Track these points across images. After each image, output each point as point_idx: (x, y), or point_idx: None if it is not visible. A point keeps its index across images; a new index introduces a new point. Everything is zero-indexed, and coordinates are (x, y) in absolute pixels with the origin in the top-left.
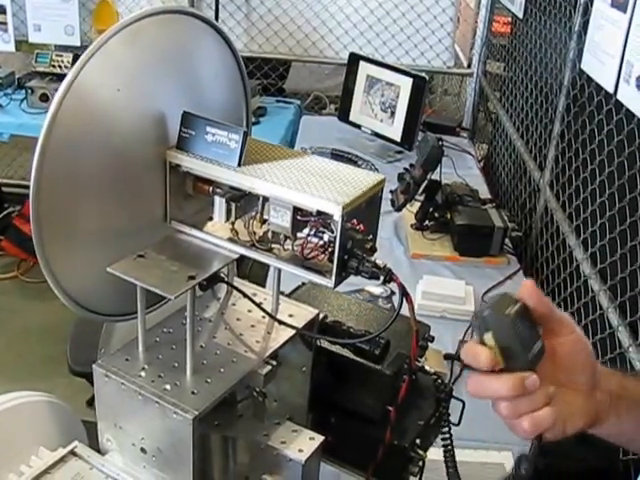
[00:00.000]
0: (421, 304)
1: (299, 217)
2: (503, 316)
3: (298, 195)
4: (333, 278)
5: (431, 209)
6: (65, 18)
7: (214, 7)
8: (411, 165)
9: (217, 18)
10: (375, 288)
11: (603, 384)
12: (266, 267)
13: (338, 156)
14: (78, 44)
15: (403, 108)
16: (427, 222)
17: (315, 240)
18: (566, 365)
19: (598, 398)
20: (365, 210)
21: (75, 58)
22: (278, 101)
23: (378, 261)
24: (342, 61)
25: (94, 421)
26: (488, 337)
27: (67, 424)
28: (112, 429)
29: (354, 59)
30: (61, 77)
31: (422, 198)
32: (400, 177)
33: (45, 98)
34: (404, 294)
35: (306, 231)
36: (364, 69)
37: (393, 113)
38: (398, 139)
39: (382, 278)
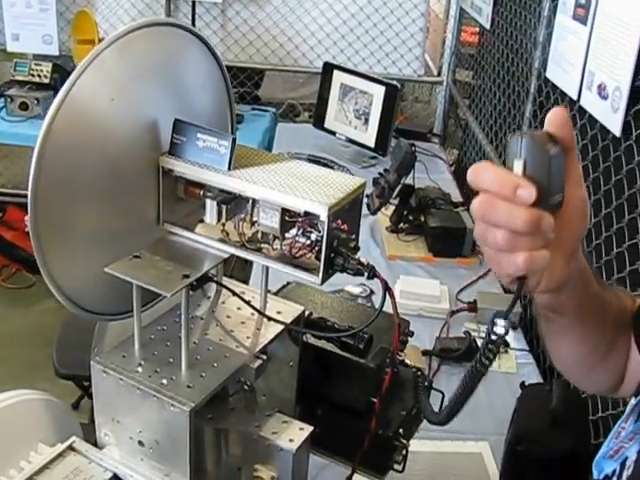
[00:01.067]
0: (399, 303)
1: (287, 218)
2: (542, 149)
3: (286, 197)
4: (320, 275)
5: (405, 212)
6: (43, 28)
7: (191, 17)
8: (385, 170)
9: None
10: (354, 288)
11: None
12: (247, 270)
13: (314, 162)
14: (56, 53)
15: (376, 115)
16: (402, 225)
17: (302, 240)
18: (564, 219)
19: (572, 266)
20: (348, 211)
21: (54, 67)
22: (254, 109)
23: (362, 259)
24: (316, 70)
25: (81, 422)
26: (518, 165)
27: (64, 421)
28: (110, 423)
29: (328, 68)
30: (40, 86)
31: (396, 202)
32: (375, 182)
33: (25, 107)
34: (387, 289)
35: (294, 231)
36: (338, 78)
37: (367, 120)
38: (372, 145)
39: (366, 274)
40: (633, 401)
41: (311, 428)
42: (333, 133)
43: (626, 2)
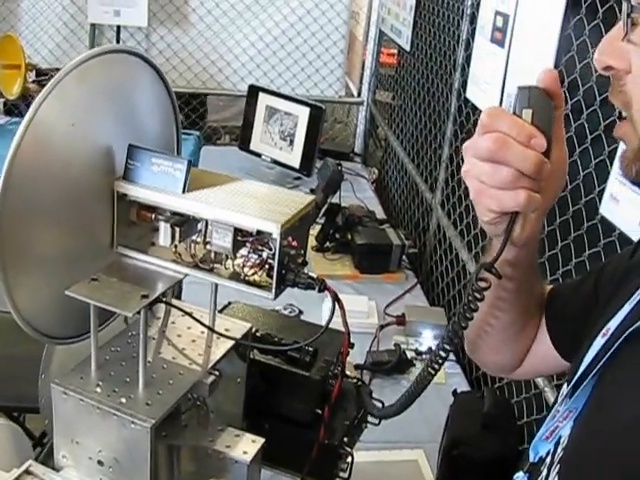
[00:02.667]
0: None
1: (239, 237)
2: (549, 102)
3: (239, 217)
4: (273, 291)
5: (332, 231)
6: None
7: (115, 42)
8: (312, 190)
9: None
10: (282, 309)
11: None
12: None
13: None
14: None
15: (301, 136)
16: (328, 244)
17: (254, 258)
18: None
19: (540, 223)
20: (298, 227)
21: None
22: None
23: (311, 273)
24: (240, 93)
25: None
26: (527, 113)
27: (20, 445)
28: (68, 445)
29: (253, 90)
30: None
31: (322, 221)
32: None
33: None
34: (336, 300)
35: (244, 250)
36: (263, 100)
37: (292, 141)
38: (297, 166)
39: (317, 288)
40: (565, 388)
41: (262, 440)
42: (259, 155)
43: (540, 27)
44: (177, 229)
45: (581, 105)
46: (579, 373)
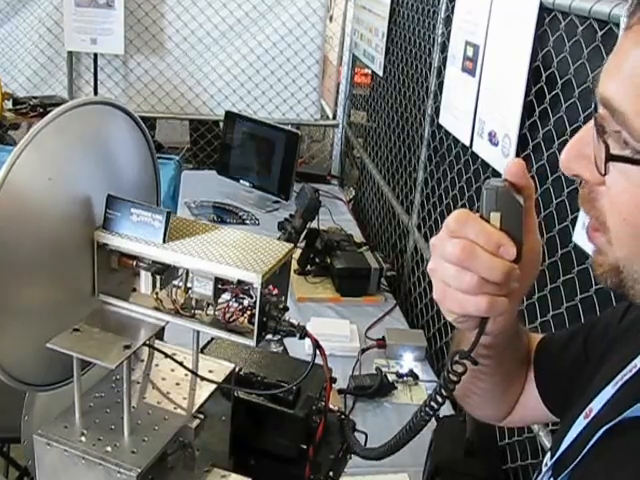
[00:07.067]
0: (311, 345)
1: (220, 285)
2: (517, 204)
3: (220, 267)
4: (254, 338)
5: (312, 255)
6: None
7: (93, 69)
8: (291, 215)
9: (96, 80)
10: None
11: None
12: None
13: (220, 208)
14: None
15: (278, 162)
16: (309, 267)
17: (235, 305)
18: (520, 266)
19: (515, 312)
20: (278, 275)
21: None
22: (158, 158)
23: (292, 320)
24: (217, 117)
25: None
26: (495, 217)
27: None
28: None
29: (231, 116)
30: None
31: (303, 244)
32: (281, 226)
33: None
34: (317, 347)
35: (226, 296)
36: (240, 126)
37: (270, 167)
38: (275, 190)
39: (298, 335)
40: (548, 458)
41: None
42: (237, 179)
43: (510, 57)
44: (158, 277)
45: (552, 134)
46: (560, 451)
